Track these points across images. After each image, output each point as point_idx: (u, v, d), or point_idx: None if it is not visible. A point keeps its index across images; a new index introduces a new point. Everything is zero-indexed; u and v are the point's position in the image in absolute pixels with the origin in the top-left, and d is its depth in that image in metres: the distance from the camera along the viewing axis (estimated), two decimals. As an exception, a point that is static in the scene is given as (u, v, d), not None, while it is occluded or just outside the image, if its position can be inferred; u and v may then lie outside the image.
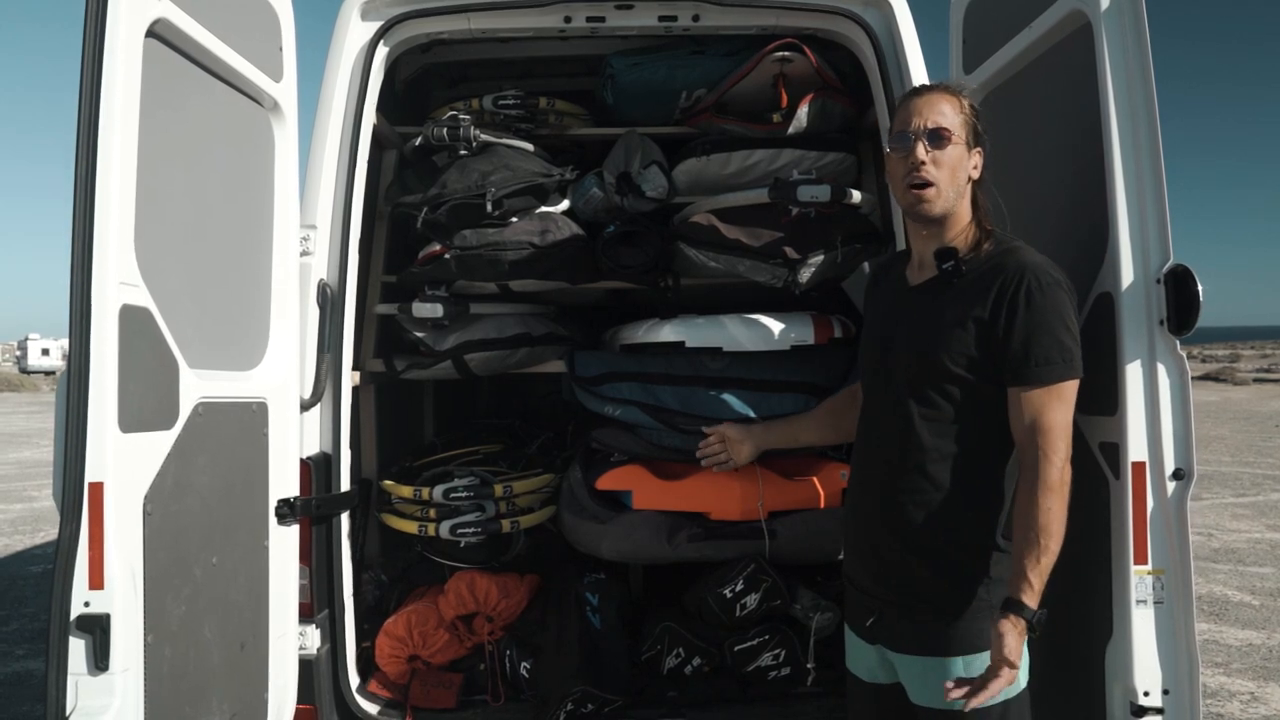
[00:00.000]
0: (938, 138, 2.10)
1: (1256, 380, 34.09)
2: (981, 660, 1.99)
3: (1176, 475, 2.11)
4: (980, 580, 2.07)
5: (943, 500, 2.07)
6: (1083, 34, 2.27)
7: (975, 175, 2.16)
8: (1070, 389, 2.00)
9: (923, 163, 2.09)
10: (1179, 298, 2.09)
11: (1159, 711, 2.10)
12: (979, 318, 2.03)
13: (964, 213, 2.17)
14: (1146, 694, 2.10)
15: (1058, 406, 1.99)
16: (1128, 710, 2.11)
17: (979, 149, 2.16)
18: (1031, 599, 1.92)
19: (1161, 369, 2.12)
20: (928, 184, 2.11)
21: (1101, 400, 2.20)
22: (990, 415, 2.03)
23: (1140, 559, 2.12)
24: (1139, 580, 2.11)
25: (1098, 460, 2.22)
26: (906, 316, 2.21)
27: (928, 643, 2.08)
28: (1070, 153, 2.42)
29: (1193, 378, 2.19)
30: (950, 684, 1.93)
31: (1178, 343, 2.11)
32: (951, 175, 2.11)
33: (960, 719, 1.98)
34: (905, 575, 2.12)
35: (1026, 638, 1.94)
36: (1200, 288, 2.07)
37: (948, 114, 2.12)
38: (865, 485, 2.27)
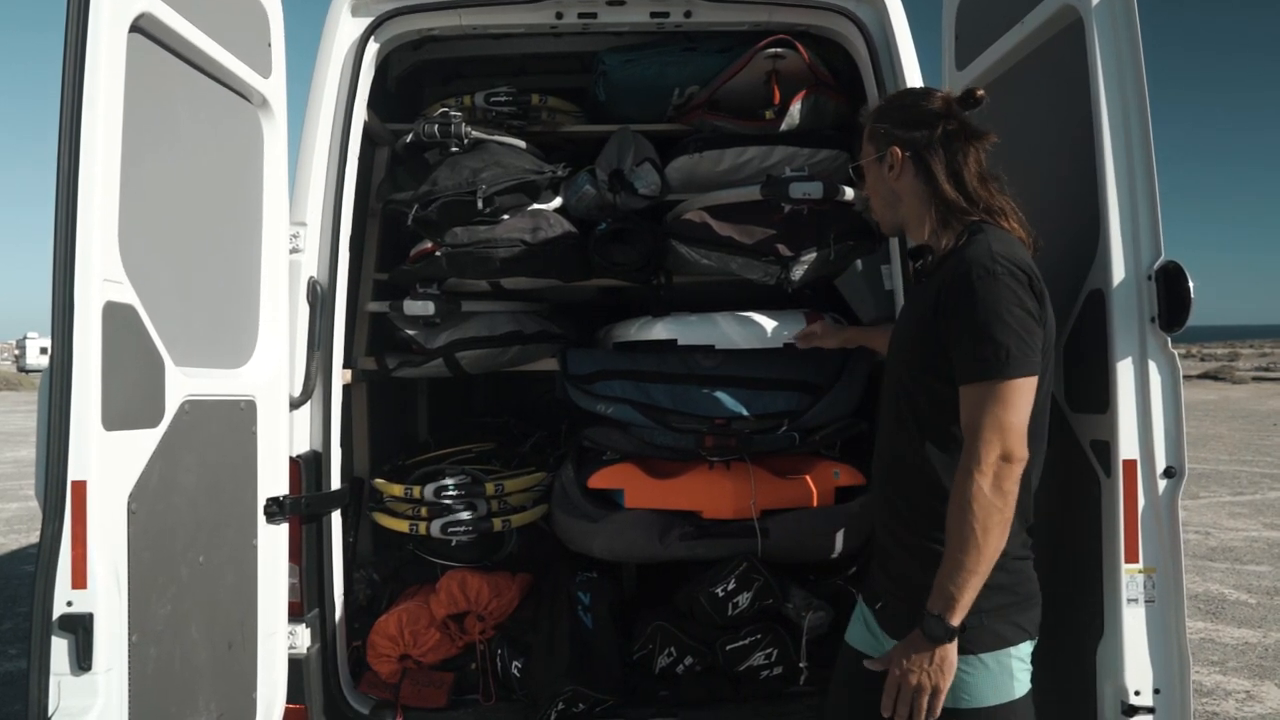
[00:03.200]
0: (858, 175, 2.31)
1: (1255, 379, 34.06)
2: (969, 662, 1.94)
3: (1168, 473, 2.10)
4: None
5: (928, 500, 2.01)
6: (1074, 30, 2.26)
7: (896, 177, 2.15)
8: (1009, 388, 1.86)
9: (866, 199, 2.33)
10: (1170, 295, 2.07)
11: (1150, 710, 2.09)
12: (928, 316, 2.00)
13: (915, 214, 2.16)
14: (1138, 693, 2.09)
15: (991, 406, 1.86)
16: (1119, 709, 2.10)
17: (893, 147, 2.14)
18: (940, 609, 1.86)
19: (1153, 366, 2.10)
20: (869, 211, 2.36)
21: (1093, 398, 2.19)
22: (948, 416, 1.97)
23: (1131, 558, 2.10)
24: (1130, 579, 2.10)
25: (1089, 458, 2.21)
26: (904, 315, 2.30)
27: None
28: (1062, 149, 2.41)
29: (1192, 376, 2.20)
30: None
31: (1169, 340, 2.10)
32: (874, 197, 2.26)
33: (951, 714, 1.95)
34: (899, 570, 2.11)
35: (934, 650, 1.88)
36: (1192, 284, 2.05)
37: (862, 145, 2.26)
38: (873, 481, 2.29)
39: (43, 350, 50.77)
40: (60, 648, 1.89)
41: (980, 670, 1.95)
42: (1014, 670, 1.97)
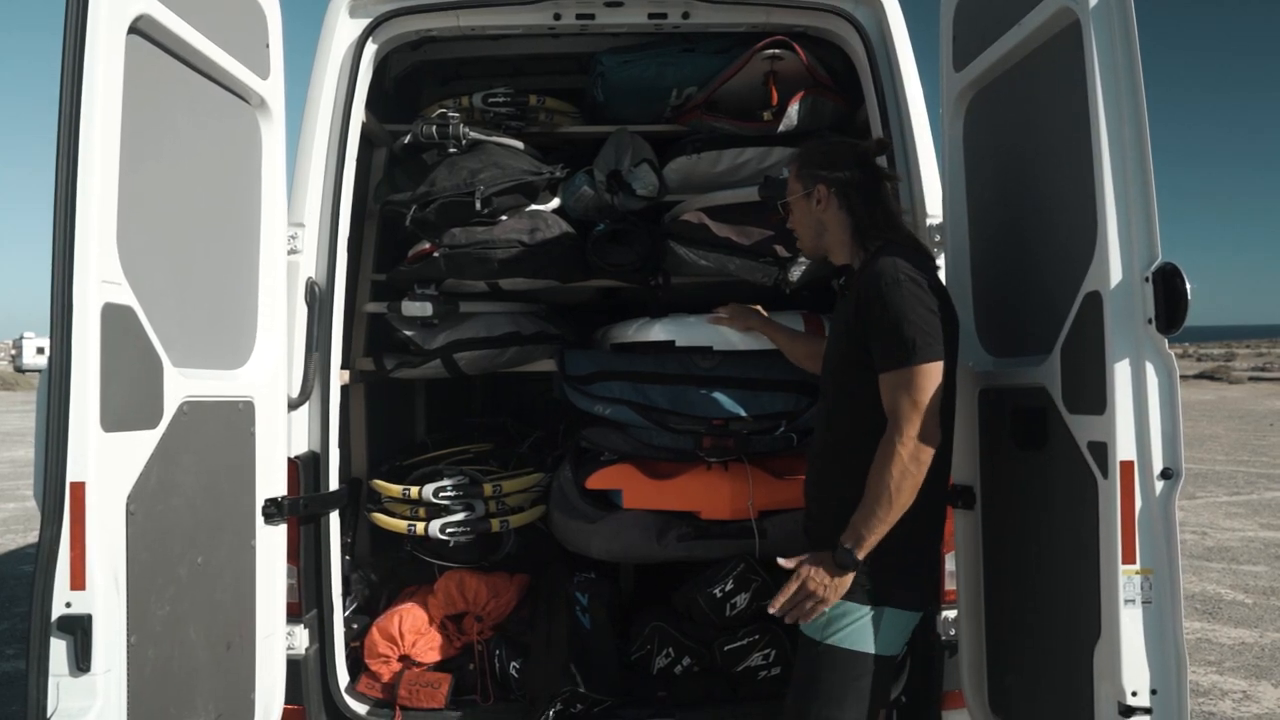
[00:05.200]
0: (786, 210, 2.68)
1: (1252, 379, 34.07)
2: (849, 606, 2.33)
3: (1165, 474, 2.09)
4: None
5: (847, 474, 2.37)
6: (1071, 32, 2.26)
7: (823, 210, 2.56)
8: (918, 373, 2.24)
9: (790, 229, 2.71)
10: (1167, 296, 2.07)
11: (1147, 711, 2.08)
12: (850, 321, 2.40)
13: (838, 240, 2.58)
14: (1134, 694, 2.08)
15: (904, 390, 2.24)
16: (1115, 710, 2.10)
17: (820, 184, 2.54)
18: (851, 544, 2.26)
19: (1150, 368, 2.10)
20: (796, 239, 2.71)
21: (1090, 399, 2.19)
22: (876, 402, 2.31)
23: (1129, 559, 2.10)
24: (1127, 580, 2.10)
25: (1086, 459, 2.21)
26: (832, 323, 2.66)
27: None
28: (1059, 150, 2.41)
29: (1188, 376, 2.20)
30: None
31: (1166, 341, 2.10)
32: (801, 228, 2.65)
33: (816, 652, 2.36)
34: (819, 530, 2.49)
35: (836, 578, 2.29)
36: (1189, 286, 2.05)
37: (788, 183, 2.66)
38: (809, 455, 2.69)
39: (39, 350, 50.49)
40: (59, 649, 1.89)
41: (856, 616, 2.33)
42: (884, 628, 2.34)
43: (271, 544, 2.72)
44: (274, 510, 2.71)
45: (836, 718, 2.32)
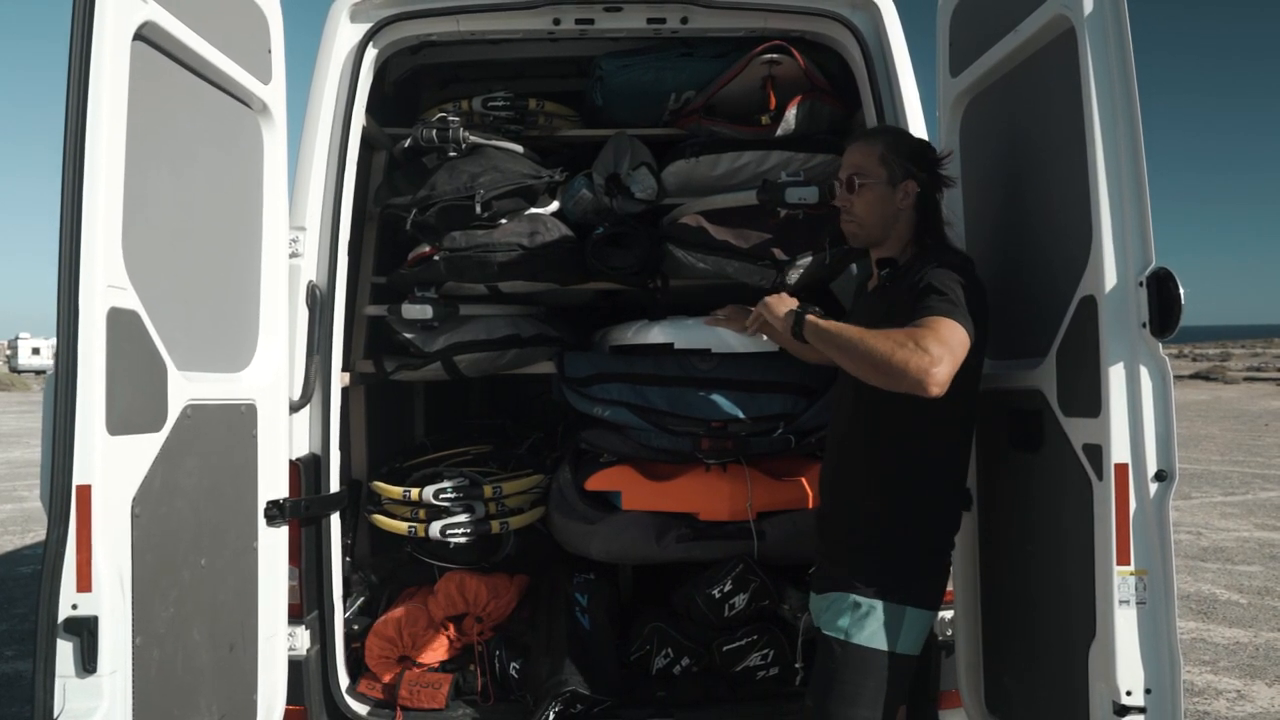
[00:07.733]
0: (852, 185, 2.53)
1: (1247, 379, 34.17)
2: (873, 604, 2.34)
3: (1159, 477, 2.12)
4: (880, 540, 2.41)
5: (867, 473, 2.43)
6: (1067, 38, 2.28)
7: (905, 204, 2.52)
8: (954, 324, 2.17)
9: (842, 207, 2.58)
10: (1161, 300, 2.09)
11: (1141, 711, 2.10)
12: (894, 313, 2.33)
13: (899, 234, 2.55)
14: (1129, 694, 2.11)
15: (940, 328, 2.15)
16: (1110, 710, 2.12)
17: (910, 179, 2.50)
18: (809, 325, 2.39)
19: (1144, 371, 2.12)
20: (850, 222, 2.57)
21: (1085, 402, 2.22)
22: (913, 405, 2.18)
23: (1123, 560, 2.12)
24: (1122, 581, 2.12)
25: (1081, 462, 2.23)
26: (861, 317, 2.54)
27: (838, 583, 2.43)
28: (1054, 156, 2.43)
29: (1184, 376, 2.22)
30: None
31: (1160, 345, 2.12)
32: (869, 212, 2.53)
33: (838, 651, 2.36)
34: (833, 531, 2.52)
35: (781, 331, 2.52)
36: (1182, 290, 2.07)
37: (861, 162, 2.54)
38: (825, 459, 2.68)
39: (34, 350, 50.77)
40: (66, 650, 1.90)
41: (879, 615, 2.33)
42: (906, 626, 2.34)
43: (273, 546, 2.74)
44: (276, 512, 2.73)
45: (861, 717, 2.32)
